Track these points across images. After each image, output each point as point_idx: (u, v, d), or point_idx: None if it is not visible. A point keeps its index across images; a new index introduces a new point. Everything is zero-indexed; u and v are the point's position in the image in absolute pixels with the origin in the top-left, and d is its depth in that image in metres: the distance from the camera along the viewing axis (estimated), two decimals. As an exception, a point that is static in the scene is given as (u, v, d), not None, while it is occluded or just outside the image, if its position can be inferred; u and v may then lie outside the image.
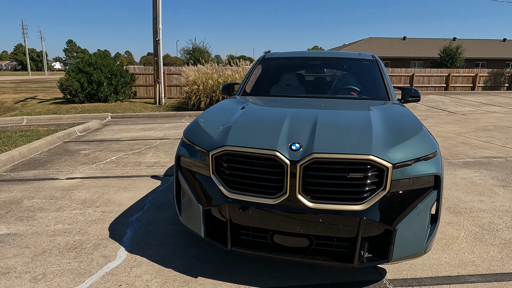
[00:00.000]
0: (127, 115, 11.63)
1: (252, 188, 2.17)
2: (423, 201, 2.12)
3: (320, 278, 2.46)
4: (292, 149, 2.09)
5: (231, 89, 3.96)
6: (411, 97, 3.50)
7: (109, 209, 3.65)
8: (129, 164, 5.43)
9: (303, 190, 2.07)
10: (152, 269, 2.56)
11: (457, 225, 3.33)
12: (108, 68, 14.82)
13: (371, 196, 2.03)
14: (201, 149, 2.34)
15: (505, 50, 36.09)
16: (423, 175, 2.11)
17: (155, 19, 14.29)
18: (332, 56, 3.95)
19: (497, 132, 8.49)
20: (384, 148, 2.08)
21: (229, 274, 2.50)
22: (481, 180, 4.71)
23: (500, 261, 2.71)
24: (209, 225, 2.36)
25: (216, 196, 2.25)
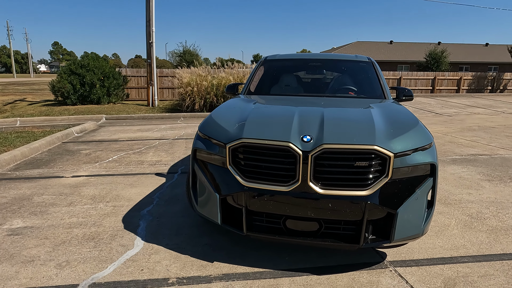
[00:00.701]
0: (121, 117, 11.69)
1: (267, 177, 2.37)
2: (420, 187, 2.36)
3: (327, 261, 2.67)
4: (303, 140, 2.30)
5: (236, 89, 4.16)
6: (404, 96, 3.77)
7: (119, 204, 3.80)
8: (131, 163, 5.56)
9: (314, 178, 2.28)
10: (169, 256, 2.73)
11: (448, 215, 3.60)
12: (101, 70, 14.83)
13: (375, 183, 2.26)
14: (218, 142, 2.54)
15: (488, 55, 37.30)
16: (421, 163, 2.35)
17: (148, 22, 14.40)
18: (331, 58, 4.20)
19: (481, 132, 8.90)
20: (386, 139, 2.31)
21: (242, 259, 2.69)
22: (469, 175, 5.02)
23: (488, 244, 2.97)
24: (225, 213, 2.55)
25: (232, 185, 2.44)
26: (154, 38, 14.48)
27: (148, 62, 14.87)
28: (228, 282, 2.40)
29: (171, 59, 44.35)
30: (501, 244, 2.98)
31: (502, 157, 6.16)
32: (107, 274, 2.47)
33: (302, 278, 2.45)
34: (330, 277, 2.46)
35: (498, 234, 3.15)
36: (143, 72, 17.78)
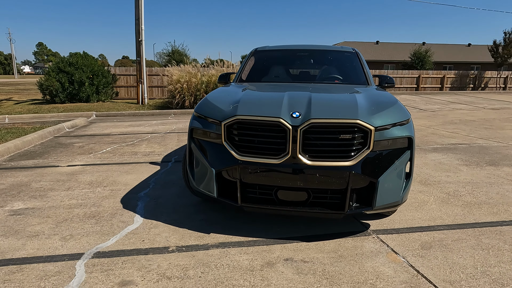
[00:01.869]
0: (112, 114, 11.73)
1: (259, 151, 2.57)
2: (399, 158, 2.59)
3: (315, 230, 2.88)
4: (293, 116, 2.51)
5: (228, 78, 4.35)
6: (386, 83, 4.02)
7: (117, 188, 3.94)
8: (125, 154, 5.68)
9: (302, 151, 2.49)
10: (168, 229, 2.90)
11: (427, 193, 3.86)
12: (90, 68, 14.82)
13: (358, 154, 2.49)
14: (213, 120, 2.73)
15: (470, 55, 38.36)
16: (399, 137, 2.59)
17: (137, 20, 14.46)
18: (318, 49, 4.43)
19: (462, 125, 9.30)
20: (367, 115, 2.54)
21: (237, 231, 2.88)
22: (448, 161, 5.32)
23: (462, 216, 3.23)
24: (221, 186, 2.74)
25: (227, 160, 2.63)
26: (143, 36, 14.54)
27: (137, 60, 14.91)
28: (225, 248, 2.59)
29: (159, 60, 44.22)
30: (474, 215, 3.25)
31: (480, 145, 6.50)
32: (110, 244, 2.63)
33: (293, 244, 2.66)
34: (318, 243, 2.67)
35: (472, 208, 3.43)
36: (132, 71, 17.81)
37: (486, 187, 4.07)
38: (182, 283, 2.16)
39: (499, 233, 2.87)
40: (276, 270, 2.31)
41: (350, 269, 2.32)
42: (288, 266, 2.35)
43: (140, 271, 2.28)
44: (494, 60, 25.85)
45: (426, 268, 2.33)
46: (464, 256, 2.49)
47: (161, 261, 2.41)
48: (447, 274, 2.26)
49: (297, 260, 2.43)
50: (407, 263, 2.39)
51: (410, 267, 2.35)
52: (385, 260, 2.44)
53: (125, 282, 2.16)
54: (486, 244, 2.68)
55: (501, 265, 2.38)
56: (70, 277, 2.20)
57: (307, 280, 2.20)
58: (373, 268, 2.33)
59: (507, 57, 24.93)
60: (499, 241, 2.73)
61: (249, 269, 2.32)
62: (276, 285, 2.14)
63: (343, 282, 2.17)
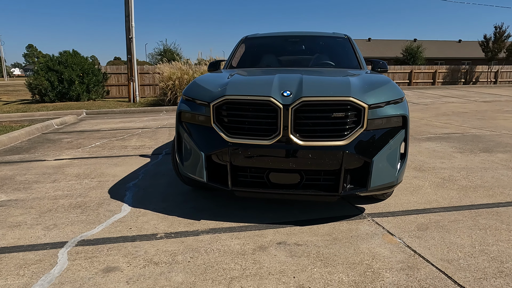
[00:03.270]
0: (102, 111, 11.55)
1: (250, 132, 2.48)
2: (393, 137, 2.52)
3: (308, 215, 2.80)
4: (283, 95, 2.42)
5: (218, 65, 4.25)
6: (380, 69, 3.95)
7: (105, 179, 3.82)
8: (115, 148, 5.55)
9: (294, 130, 2.40)
10: (157, 217, 2.80)
11: (423, 178, 3.80)
12: (80, 67, 14.59)
13: (351, 133, 2.41)
14: (202, 102, 2.63)
15: (461, 50, 38.68)
16: (393, 115, 2.52)
17: (127, 17, 14.26)
18: (310, 35, 4.35)
19: (455, 116, 9.31)
20: (361, 92, 2.46)
21: (228, 218, 2.78)
22: (442, 149, 5.28)
23: (458, 199, 3.18)
24: (211, 171, 2.64)
25: (217, 143, 2.53)
26: (134, 33, 14.35)
27: (128, 58, 14.72)
28: (215, 234, 2.49)
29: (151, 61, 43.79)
30: (470, 198, 3.19)
31: (473, 134, 6.49)
32: (96, 232, 2.52)
33: (286, 229, 2.57)
34: (312, 227, 2.59)
35: (468, 191, 3.37)
36: (123, 69, 17.59)
37: (481, 172, 4.03)
38: (170, 267, 2.06)
39: (496, 214, 2.81)
40: (269, 253, 2.22)
41: (345, 251, 2.24)
42: (281, 250, 2.26)
43: (126, 257, 2.18)
44: (485, 55, 26.07)
45: (423, 248, 2.26)
46: (462, 236, 2.43)
47: (149, 247, 2.31)
48: (444, 254, 2.19)
49: (290, 244, 2.34)
50: (404, 244, 2.32)
51: (406, 247, 2.27)
52: (381, 241, 2.36)
53: (110, 269, 2.05)
54: (483, 224, 2.62)
55: (499, 244, 2.32)
56: (51, 264, 2.09)
57: (300, 262, 2.11)
58: (368, 250, 2.25)
59: (498, 51, 25.16)
60: (496, 221, 2.68)
61: (240, 253, 2.22)
62: (268, 267, 2.05)
63: (338, 264, 2.09)
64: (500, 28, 25.02)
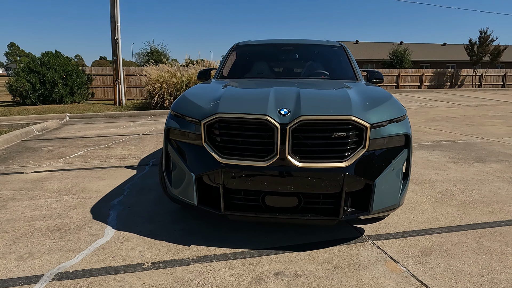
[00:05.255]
0: (86, 115, 11.18)
1: (244, 152, 2.30)
2: (396, 158, 2.38)
3: (306, 238, 2.64)
4: (281, 113, 2.26)
5: (208, 74, 4.06)
6: (375, 79, 3.83)
7: (87, 196, 3.58)
8: (99, 157, 5.29)
9: (292, 151, 2.24)
10: (143, 242, 2.59)
11: (420, 193, 3.70)
12: (63, 68, 14.14)
13: (353, 154, 2.26)
14: (192, 119, 2.44)
15: (446, 53, 39.35)
16: (396, 134, 2.38)
17: (113, 18, 13.89)
18: (303, 43, 4.20)
19: (444, 122, 9.34)
20: (362, 110, 2.32)
21: (220, 242, 2.60)
22: (436, 158, 5.21)
23: (459, 216, 3.07)
24: (202, 193, 2.45)
25: (208, 163, 2.35)
26: (119, 34, 13.99)
27: (114, 59, 14.34)
28: (207, 263, 2.30)
29: (138, 61, 42.99)
30: (470, 215, 3.09)
31: (464, 142, 6.46)
32: (76, 263, 2.30)
33: (283, 255, 2.40)
34: (311, 253, 2.43)
35: (467, 207, 3.27)
36: (109, 71, 17.15)
37: (478, 185, 3.95)
38: (158, 308, 1.86)
39: (499, 235, 2.71)
40: (266, 286, 2.04)
41: (348, 282, 2.08)
42: (279, 282, 2.09)
43: (108, 294, 1.97)
44: (470, 58, 26.52)
45: (430, 278, 2.13)
46: (468, 262, 2.30)
47: (134, 281, 2.10)
48: (452, 284, 2.06)
49: (288, 274, 2.17)
50: (409, 273, 2.18)
51: (412, 277, 2.14)
52: (385, 270, 2.22)
53: (90, 310, 1.84)
54: (488, 247, 2.51)
55: (508, 271, 2.20)
56: (23, 306, 1.87)
57: (301, 297, 1.94)
58: (372, 280, 2.10)
59: (482, 55, 25.64)
60: (500, 243, 2.57)
61: (235, 287, 2.04)
62: (266, 305, 1.88)
63: (341, 299, 1.93)
64: (485, 33, 25.51)
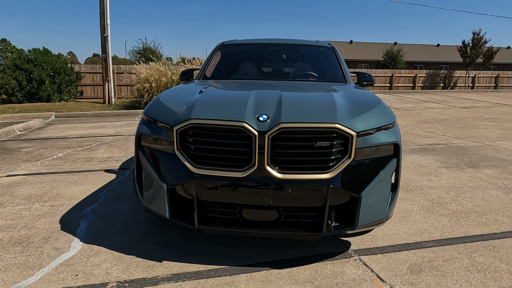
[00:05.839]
0: (73, 114, 10.89)
1: (219, 162, 2.12)
2: (384, 168, 2.21)
3: (288, 253, 2.46)
4: (259, 120, 2.07)
5: (190, 75, 3.86)
6: (366, 81, 3.67)
7: (59, 203, 3.37)
8: (79, 160, 5.06)
9: (271, 161, 2.06)
10: (111, 257, 2.39)
11: (411, 201, 3.54)
12: (51, 65, 13.81)
13: (337, 165, 2.08)
14: (164, 125, 2.24)
15: (439, 54, 39.49)
16: (384, 143, 2.21)
17: (102, 14, 13.59)
18: (291, 43, 4.02)
19: (437, 124, 9.23)
20: (348, 117, 2.14)
21: (196, 257, 2.41)
22: (428, 163, 5.07)
23: (450, 228, 2.91)
24: (174, 205, 2.26)
25: (181, 173, 2.16)
26: (109, 31, 13.69)
27: (103, 57, 14.03)
28: (178, 282, 2.11)
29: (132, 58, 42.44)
30: (463, 227, 2.94)
31: (457, 146, 6.34)
32: (33, 282, 2.09)
33: (261, 273, 2.22)
34: (292, 271, 2.25)
35: (459, 218, 3.12)
36: (99, 69, 16.82)
37: (470, 192, 3.81)
38: (116, 338, 1.67)
39: (493, 249, 2.55)
40: (240, 311, 1.86)
41: (330, 306, 1.91)
42: (255, 305, 1.91)
43: (63, 321, 1.77)
44: (463, 60, 26.60)
45: (419, 300, 1.96)
46: (460, 282, 2.14)
47: (95, 304, 1.90)
48: (443, 308, 1.89)
49: (265, 296, 1.99)
50: (396, 294, 2.01)
51: (400, 299, 1.97)
52: (370, 290, 2.05)
53: None
54: (481, 264, 2.35)
55: (502, 292, 2.04)
56: (-36, 336, 1.66)
57: (277, 325, 1.76)
58: (356, 303, 1.93)
59: (475, 57, 25.71)
60: (494, 259, 2.41)
61: (205, 311, 1.85)
62: (238, 334, 1.70)
63: (322, 326, 1.75)
64: (478, 34, 25.59)
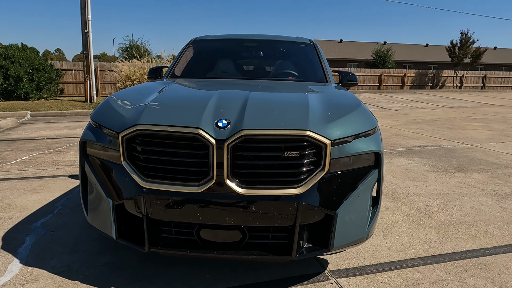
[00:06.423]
0: (50, 113, 10.43)
1: (172, 175, 1.81)
2: (363, 181, 1.93)
3: (257, 276, 2.17)
4: (218, 126, 1.77)
5: (159, 73, 3.54)
6: (348, 81, 3.40)
7: (7, 215, 3.01)
8: (43, 164, 4.69)
9: (232, 174, 1.76)
10: (51, 284, 2.06)
11: (396, 210, 3.29)
12: (29, 62, 13.27)
13: (309, 178, 1.80)
14: (109, 131, 1.92)
15: (428, 54, 39.72)
16: (363, 152, 1.93)
17: (83, 9, 13.10)
18: (269, 39, 3.73)
19: (425, 125, 9.07)
20: (321, 123, 1.85)
21: (150, 281, 2.10)
22: (415, 167, 4.85)
23: (438, 242, 2.67)
24: (122, 224, 1.95)
25: (128, 187, 1.85)
26: (90, 27, 13.21)
27: (84, 54, 13.55)
28: (123, 316, 1.80)
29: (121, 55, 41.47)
30: (451, 241, 2.69)
31: (445, 148, 6.15)
32: None
33: (223, 302, 1.92)
34: (258, 298, 1.96)
35: (447, 230, 2.88)
36: (82, 66, 16.29)
37: (459, 200, 3.58)
38: None
39: (484, 268, 2.31)
40: None
41: None
42: None
43: None
44: (451, 60, 26.69)
45: (401, 336, 1.69)
46: (448, 310, 1.88)
47: None
48: None
49: (224, 332, 1.70)
50: (376, 329, 1.74)
51: (379, 335, 1.69)
52: (346, 323, 1.77)
53: None
54: (471, 287, 2.10)
55: (496, 323, 1.79)
56: None
57: None
58: None
59: (463, 57, 25.83)
60: (486, 280, 2.17)
61: None
62: None
63: None
64: (466, 34, 25.69)
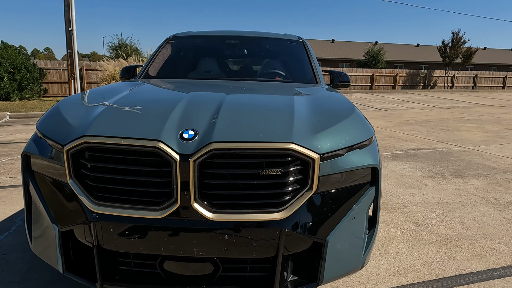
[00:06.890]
0: (31, 114, 9.97)
1: (128, 197, 1.49)
2: (358, 201, 1.64)
3: (235, 309, 1.86)
4: (183, 138, 1.46)
5: (132, 72, 3.20)
6: (340, 82, 3.12)
7: (-45, 234, 2.66)
8: (11, 171, 4.32)
9: (200, 196, 1.45)
10: (-11, 324, 1.73)
11: (392, 223, 3.02)
12: (10, 61, 12.75)
13: (294, 200, 1.49)
14: (53, 143, 1.60)
15: (419, 54, 39.82)
16: (358, 167, 1.63)
17: (66, 7, 12.64)
18: (254, 36, 3.42)
19: (418, 126, 8.86)
20: (309, 134, 1.55)
21: (110, 318, 1.78)
22: (410, 172, 4.59)
23: (440, 262, 2.39)
24: (70, 255, 1.62)
25: (76, 211, 1.53)
26: (74, 25, 12.76)
27: (68, 53, 13.10)
28: None
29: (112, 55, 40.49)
30: (455, 260, 2.42)
31: (440, 151, 5.92)
32: None
33: None
34: None
35: (450, 247, 2.61)
36: (66, 65, 15.79)
37: (459, 210, 3.32)
38: None
39: (494, 295, 2.04)
40: None
41: None
42: None
43: None
44: (443, 60, 26.69)
45: None
46: None
47: None
48: None
49: None
50: None
51: None
52: None
53: None
54: (482, 320, 1.82)
55: None
56: None
57: None
58: None
59: (454, 57, 25.84)
60: (497, 311, 1.89)
61: None
62: None
63: None
64: (457, 34, 25.71)
